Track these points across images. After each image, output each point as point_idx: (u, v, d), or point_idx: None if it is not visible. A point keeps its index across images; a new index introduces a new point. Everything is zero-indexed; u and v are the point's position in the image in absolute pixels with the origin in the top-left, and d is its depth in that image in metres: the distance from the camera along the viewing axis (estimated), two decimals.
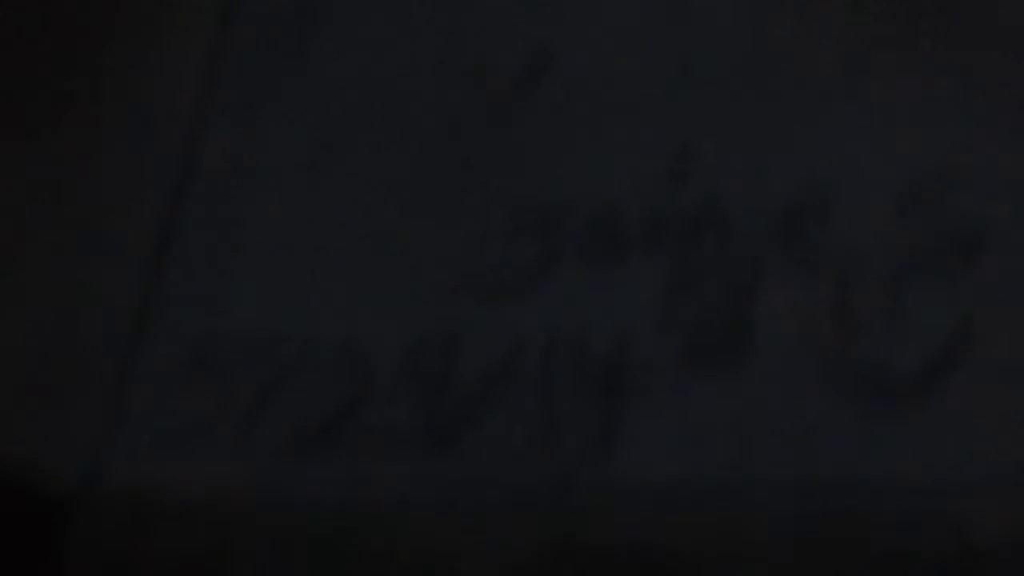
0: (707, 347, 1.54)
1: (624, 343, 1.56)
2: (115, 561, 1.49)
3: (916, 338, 1.50)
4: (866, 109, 1.72)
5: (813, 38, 1.80)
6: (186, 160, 1.84)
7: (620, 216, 1.67)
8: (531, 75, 1.86)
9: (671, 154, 1.72)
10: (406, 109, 1.86)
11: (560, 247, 1.66)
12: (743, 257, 1.61)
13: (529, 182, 1.74)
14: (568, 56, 1.86)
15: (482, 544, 1.43)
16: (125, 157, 1.85)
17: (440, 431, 1.52)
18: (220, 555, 1.46)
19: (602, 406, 1.51)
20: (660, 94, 1.79)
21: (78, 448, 1.55)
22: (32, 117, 1.93)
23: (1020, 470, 1.39)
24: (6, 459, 1.51)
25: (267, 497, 1.50)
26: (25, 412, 1.58)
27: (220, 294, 1.69)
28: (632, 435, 1.48)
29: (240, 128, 1.88)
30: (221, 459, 1.53)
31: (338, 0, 2.00)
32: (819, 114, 1.73)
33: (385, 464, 1.50)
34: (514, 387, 1.54)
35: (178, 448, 1.55)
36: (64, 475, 1.52)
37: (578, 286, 1.62)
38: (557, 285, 1.62)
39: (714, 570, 1.39)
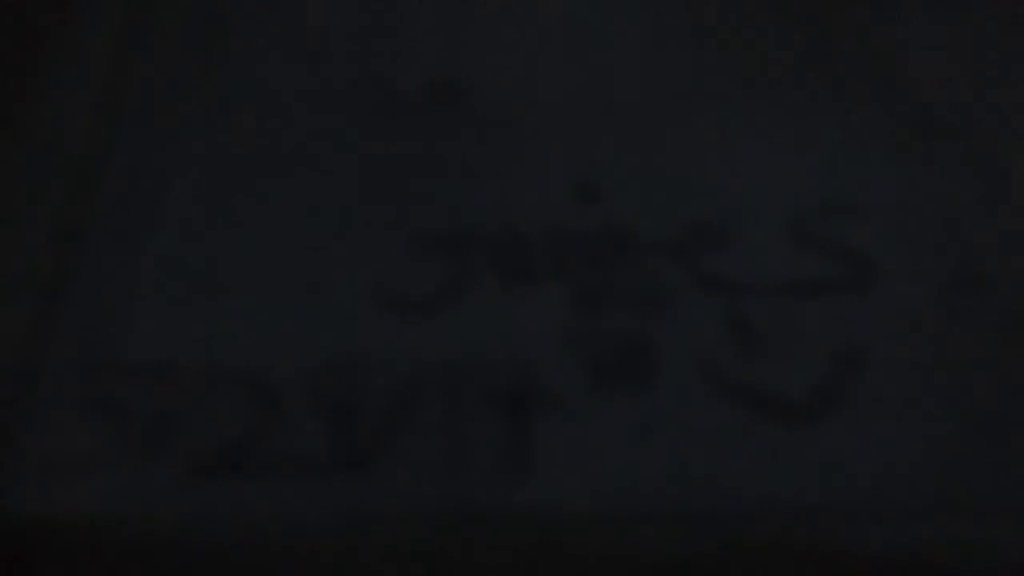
0: (611, 370, 1.56)
1: (530, 366, 1.56)
2: None
3: (809, 364, 1.56)
4: (764, 140, 1.79)
5: (714, 71, 1.87)
6: (84, 186, 1.77)
7: (526, 240, 1.69)
8: (441, 99, 1.87)
9: (576, 180, 1.76)
10: (314, 131, 1.84)
11: (467, 270, 1.66)
12: (645, 281, 1.64)
13: (436, 205, 1.74)
14: (478, 82, 1.87)
15: (386, 573, 1.43)
16: (20, 182, 1.76)
17: (346, 458, 1.49)
18: None
19: (507, 431, 1.51)
20: (566, 121, 1.82)
21: None
22: None
23: (904, 497, 1.44)
24: None
25: (163, 532, 1.45)
26: None
27: (117, 323, 1.62)
28: (537, 461, 1.49)
29: (141, 151, 1.83)
30: (116, 494, 1.46)
31: (247, 19, 1.99)
32: (719, 144, 1.79)
33: (289, 493, 1.47)
34: (420, 412, 1.53)
35: (71, 483, 1.47)
36: None
37: (485, 309, 1.62)
38: (464, 308, 1.62)
39: None
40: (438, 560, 1.43)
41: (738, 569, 1.41)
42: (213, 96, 1.88)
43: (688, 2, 1.91)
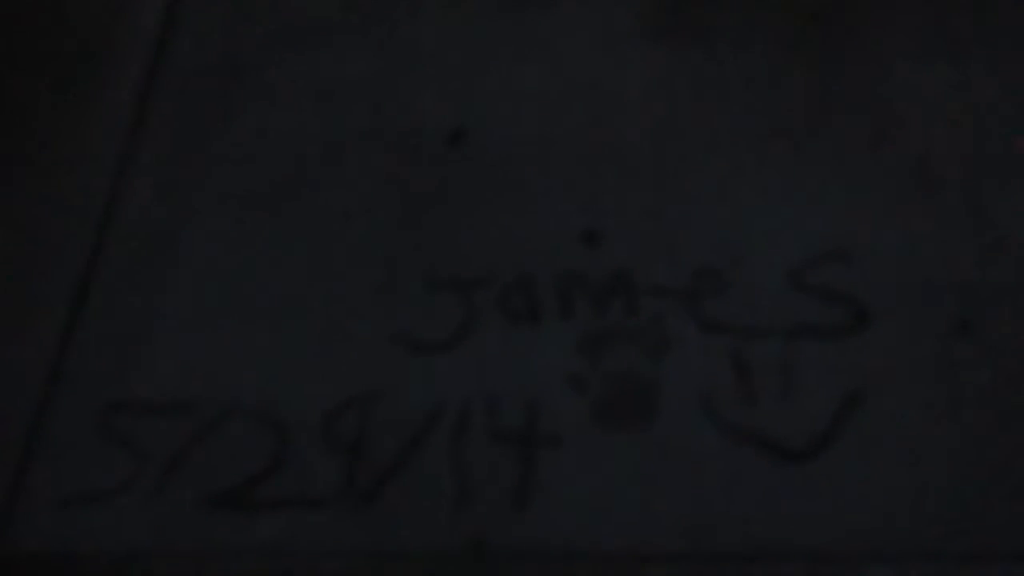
0: (615, 410, 1.59)
1: (535, 406, 1.60)
2: None
3: (809, 408, 1.58)
4: (765, 188, 1.82)
5: (718, 122, 1.90)
6: (103, 222, 1.81)
7: (533, 283, 1.72)
8: (452, 145, 1.91)
9: (583, 226, 1.79)
10: (329, 173, 1.89)
11: (476, 311, 1.70)
12: (649, 323, 1.68)
13: (447, 249, 1.78)
14: (488, 130, 1.91)
15: None
16: (42, 219, 1.81)
17: (355, 494, 1.53)
18: None
19: (513, 469, 1.54)
20: (574, 169, 1.86)
21: None
22: None
23: (903, 540, 1.47)
24: None
25: (175, 566, 1.48)
26: None
27: (133, 358, 1.67)
28: (542, 498, 1.51)
29: (158, 195, 1.87)
30: (129, 527, 1.50)
31: (264, 67, 2.03)
32: (721, 192, 1.82)
33: (301, 527, 1.50)
34: (428, 450, 1.56)
35: (84, 515, 1.51)
36: None
37: (492, 349, 1.65)
38: (473, 349, 1.66)
39: None
40: None
41: None
42: (231, 142, 1.92)
43: (692, 55, 1.96)
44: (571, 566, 1.46)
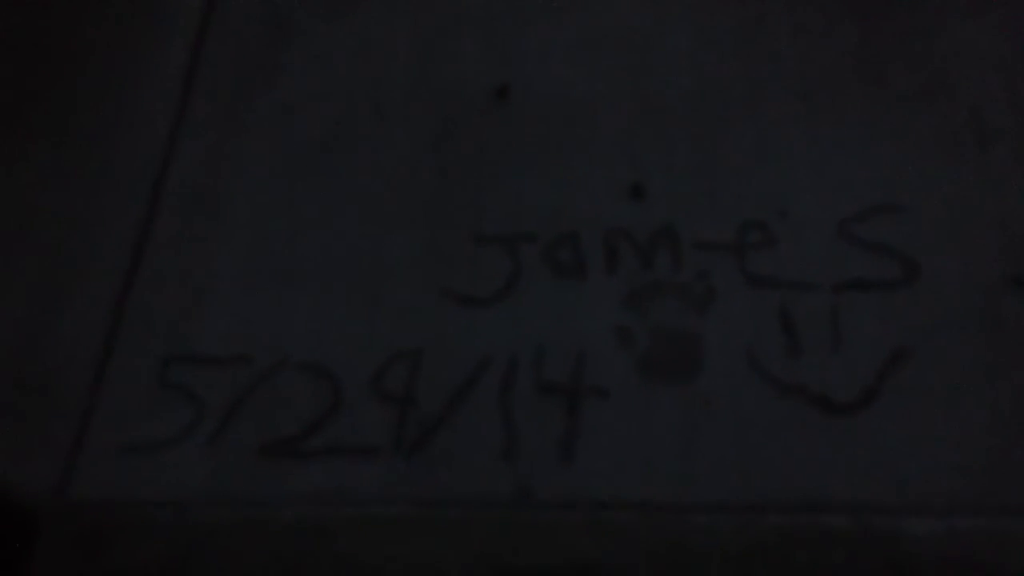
0: (661, 363, 1.60)
1: (582, 359, 1.61)
2: (81, 572, 1.50)
3: (855, 359, 1.58)
4: (813, 142, 1.80)
5: (764, 76, 1.88)
6: (157, 180, 1.85)
7: (578, 237, 1.73)
8: (497, 101, 1.91)
9: (627, 180, 1.79)
10: (374, 131, 1.90)
11: (523, 266, 1.71)
12: (695, 277, 1.68)
13: (493, 204, 1.79)
14: (531, 87, 1.91)
15: (440, 559, 1.47)
16: (97, 178, 1.85)
17: (405, 443, 1.56)
18: (182, 569, 1.48)
19: (560, 421, 1.57)
20: (618, 123, 1.86)
21: (47, 463, 1.56)
22: (4, 138, 1.92)
23: (949, 491, 1.48)
24: None
25: (230, 512, 1.52)
26: None
27: (189, 314, 1.71)
28: (588, 451, 1.54)
29: (211, 148, 1.90)
30: (187, 475, 1.55)
31: (310, 29, 2.04)
32: (769, 143, 1.81)
33: (352, 475, 1.54)
34: (477, 402, 1.59)
35: (145, 464, 1.56)
36: (33, 489, 1.53)
37: (539, 303, 1.67)
38: (519, 302, 1.68)
39: None
40: (494, 541, 1.48)
41: (789, 559, 1.44)
42: (278, 101, 1.94)
43: (737, 10, 1.93)
44: (615, 515, 1.49)
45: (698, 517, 1.48)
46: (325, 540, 1.49)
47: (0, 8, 2.08)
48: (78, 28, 2.05)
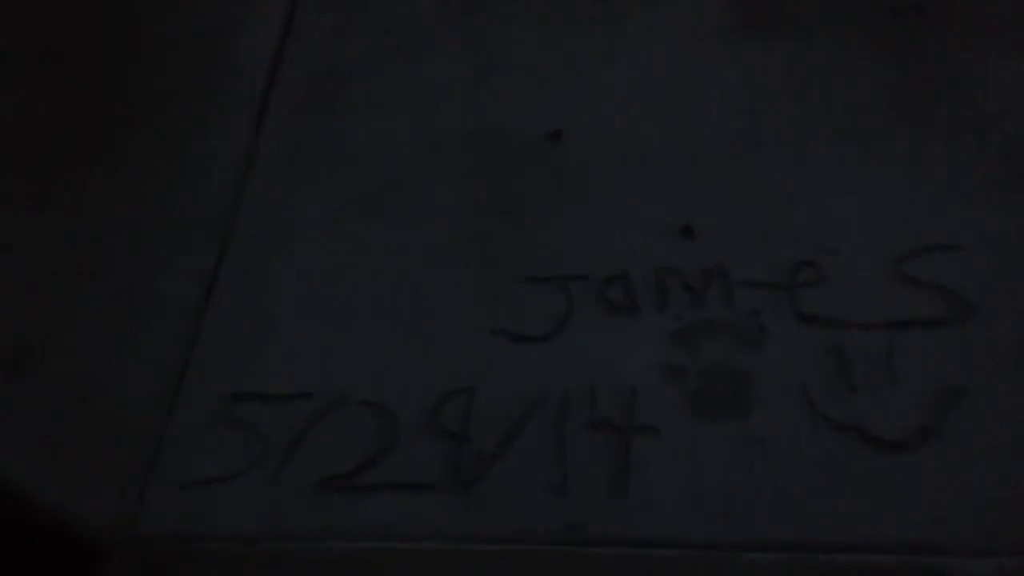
0: (710, 400, 1.61)
1: (634, 396, 1.63)
2: None
3: (907, 399, 1.58)
4: (859, 181, 1.82)
5: (807, 118, 1.90)
6: (227, 223, 1.92)
7: (631, 276, 1.76)
8: (548, 145, 1.96)
9: (677, 221, 1.82)
10: (430, 177, 1.97)
11: (574, 305, 1.74)
12: (746, 316, 1.69)
13: (545, 244, 1.83)
14: (580, 132, 1.96)
15: None
16: (170, 221, 1.94)
17: (459, 481, 1.58)
18: None
19: (612, 458, 1.58)
20: (667, 164, 1.90)
21: (115, 497, 1.60)
22: (79, 175, 2.03)
23: (1004, 532, 1.45)
24: (49, 505, 1.56)
25: (290, 546, 1.56)
26: (67, 461, 1.64)
27: (254, 351, 1.76)
28: (639, 488, 1.54)
29: (276, 193, 1.98)
30: (250, 509, 1.59)
31: (366, 74, 2.13)
32: (815, 183, 1.83)
33: (404, 514, 1.56)
34: (530, 439, 1.60)
35: (210, 498, 1.60)
36: (101, 523, 1.57)
37: (590, 341, 1.70)
38: (570, 340, 1.70)
39: None
40: None
41: None
42: (338, 145, 2.02)
43: (779, 51, 1.95)
44: (667, 552, 1.49)
45: (749, 555, 1.48)
46: (379, 575, 1.51)
47: (79, 66, 2.21)
48: (151, 81, 2.17)
